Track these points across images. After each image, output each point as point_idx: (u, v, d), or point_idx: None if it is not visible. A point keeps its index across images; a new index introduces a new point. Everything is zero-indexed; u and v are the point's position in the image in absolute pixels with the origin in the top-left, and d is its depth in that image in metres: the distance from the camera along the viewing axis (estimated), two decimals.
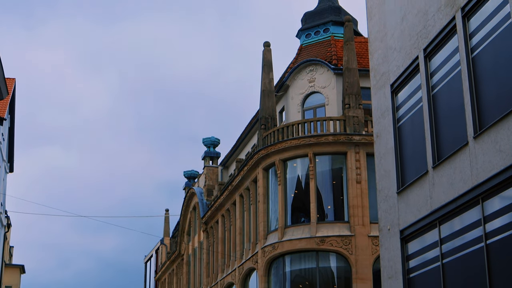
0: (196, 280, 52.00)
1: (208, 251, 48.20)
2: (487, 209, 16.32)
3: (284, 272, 35.44)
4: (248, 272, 39.25)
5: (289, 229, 35.28)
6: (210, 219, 47.68)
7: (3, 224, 49.94)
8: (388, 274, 21.26)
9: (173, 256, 59.65)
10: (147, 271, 77.08)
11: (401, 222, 20.52)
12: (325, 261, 34.62)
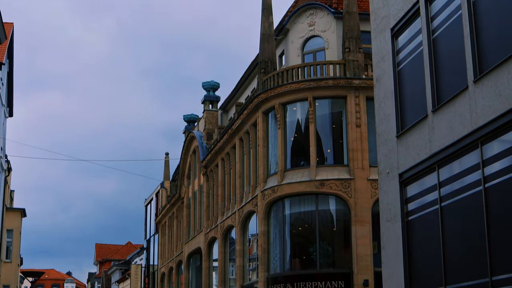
0: (196, 223, 52.46)
1: (208, 195, 48.55)
2: (486, 153, 16.45)
3: (284, 215, 35.78)
4: (248, 215, 39.61)
5: (289, 173, 35.50)
6: (210, 163, 47.92)
7: (3, 168, 50.18)
8: (387, 217, 21.50)
9: (173, 200, 60.07)
10: (147, 214, 77.68)
11: (400, 166, 20.68)
12: (324, 204, 34.92)
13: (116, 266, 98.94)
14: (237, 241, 40.81)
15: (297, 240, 36.17)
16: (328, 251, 34.57)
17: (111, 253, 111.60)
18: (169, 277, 62.12)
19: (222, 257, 44.43)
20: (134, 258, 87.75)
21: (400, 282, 20.49)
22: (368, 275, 32.52)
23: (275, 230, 36.27)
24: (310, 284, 33.45)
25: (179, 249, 57.53)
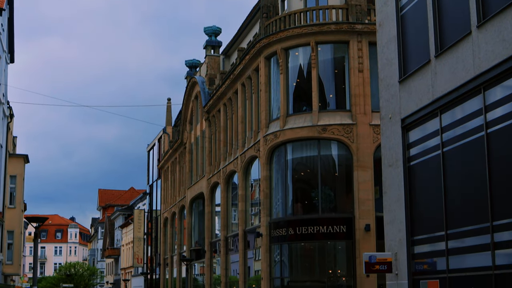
0: (199, 168, 52.65)
1: (210, 140, 48.63)
2: (489, 99, 16.44)
3: (286, 160, 35.88)
4: (250, 160, 39.73)
5: (291, 118, 35.50)
6: (212, 108, 47.90)
7: (5, 114, 50.19)
8: (389, 162, 21.58)
9: (175, 145, 60.21)
10: (149, 159, 77.94)
11: (402, 111, 20.68)
12: (326, 149, 35.00)
13: (119, 211, 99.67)
14: (240, 186, 41.02)
15: (299, 185, 36.37)
16: (330, 196, 34.78)
17: (114, 199, 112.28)
18: (172, 222, 62.57)
19: (224, 202, 44.69)
20: (137, 204, 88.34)
21: (401, 227, 20.66)
22: (369, 220, 32.76)
23: (277, 175, 36.43)
24: (312, 229, 33.71)
25: (182, 194, 57.85)
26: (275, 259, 35.90)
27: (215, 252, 47.09)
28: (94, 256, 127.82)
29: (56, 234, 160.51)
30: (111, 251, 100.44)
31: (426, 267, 19.58)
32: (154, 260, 72.14)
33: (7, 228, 51.93)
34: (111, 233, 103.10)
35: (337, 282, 34.90)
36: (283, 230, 34.80)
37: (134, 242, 77.59)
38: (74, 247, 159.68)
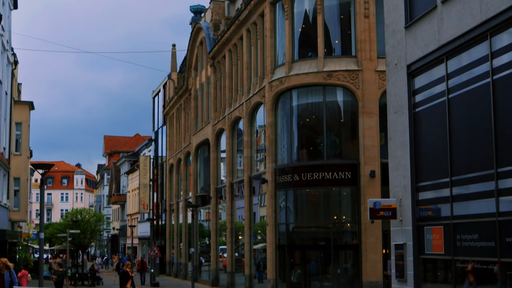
0: (204, 115, 52.63)
1: (216, 86, 48.52)
2: (495, 45, 16.33)
3: (291, 106, 35.82)
4: (255, 106, 39.68)
5: (296, 64, 35.33)
6: (217, 54, 47.67)
7: (10, 61, 50.05)
8: (394, 108, 21.54)
9: (180, 91, 60.09)
10: (155, 106, 77.86)
11: (408, 57, 20.57)
12: (332, 95, 34.91)
13: (124, 157, 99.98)
14: (245, 132, 41.05)
15: (304, 132, 36.38)
16: (336, 142, 34.78)
17: (120, 145, 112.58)
18: (178, 168, 62.81)
19: (230, 148, 44.79)
20: (142, 150, 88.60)
21: (406, 173, 20.72)
22: (374, 166, 32.83)
23: (283, 121, 36.41)
24: (317, 175, 33.81)
25: (187, 140, 57.95)
26: (280, 205, 36.10)
27: (220, 198, 47.35)
28: (100, 203, 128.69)
29: (62, 180, 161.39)
30: (117, 197, 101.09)
31: (431, 214, 19.69)
32: (160, 206, 72.60)
33: (13, 175, 52.20)
34: (117, 179, 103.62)
35: (342, 228, 35.15)
36: (288, 176, 34.92)
37: (140, 189, 78.02)
38: (80, 193, 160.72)
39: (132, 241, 71.05)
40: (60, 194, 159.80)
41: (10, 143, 50.74)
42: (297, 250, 35.61)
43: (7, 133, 49.51)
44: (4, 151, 48.36)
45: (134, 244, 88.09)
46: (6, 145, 49.06)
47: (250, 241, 40.31)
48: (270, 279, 35.87)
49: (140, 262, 53.33)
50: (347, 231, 34.97)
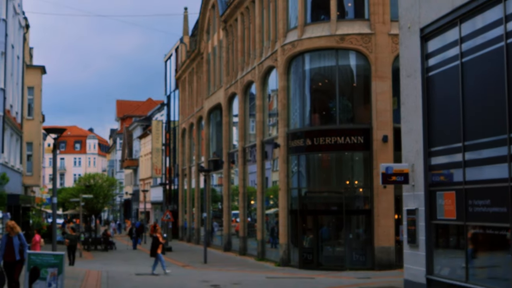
0: (216, 79, 52.41)
1: (228, 50, 48.22)
2: (510, 8, 16.02)
3: (304, 70, 35.53)
4: (268, 70, 39.41)
5: (309, 27, 34.97)
6: (229, 17, 47.30)
7: (21, 25, 49.87)
8: (407, 72, 21.28)
9: (192, 55, 59.81)
10: (167, 70, 77.61)
11: (421, 20, 20.26)
12: (344, 59, 34.57)
13: (137, 122, 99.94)
14: (257, 97, 40.82)
15: (317, 96, 36.11)
16: (348, 107, 34.53)
17: (132, 109, 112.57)
18: (190, 133, 62.74)
19: (242, 113, 44.62)
20: (154, 114, 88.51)
21: (418, 138, 20.51)
22: (387, 131, 32.59)
23: (295, 86, 36.15)
24: (330, 140, 33.62)
25: (199, 104, 57.80)
26: (292, 170, 35.98)
27: (232, 162, 47.29)
28: (113, 167, 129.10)
29: (75, 145, 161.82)
30: (129, 162, 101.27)
31: (443, 179, 19.50)
32: (172, 171, 72.69)
33: (26, 139, 52.30)
34: (129, 144, 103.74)
35: (354, 193, 35.02)
36: (300, 141, 34.74)
37: (153, 153, 78.09)
38: (93, 158, 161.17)
39: (145, 206, 71.27)
40: (73, 159, 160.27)
41: (22, 107, 50.76)
42: (309, 215, 35.52)
43: (19, 97, 49.51)
44: (17, 116, 48.40)
45: (146, 209, 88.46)
46: (18, 109, 49.08)
47: (262, 206, 40.27)
48: (283, 244, 35.87)
49: (152, 227, 53.43)
50: (359, 196, 34.84)
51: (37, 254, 15.29)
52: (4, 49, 40.40)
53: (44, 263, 14.90)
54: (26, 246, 16.97)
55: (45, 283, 14.82)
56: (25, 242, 16.97)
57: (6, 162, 42.22)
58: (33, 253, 15.34)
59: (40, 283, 14.80)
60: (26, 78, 53.26)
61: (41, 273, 14.80)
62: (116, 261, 41.25)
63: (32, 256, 15.04)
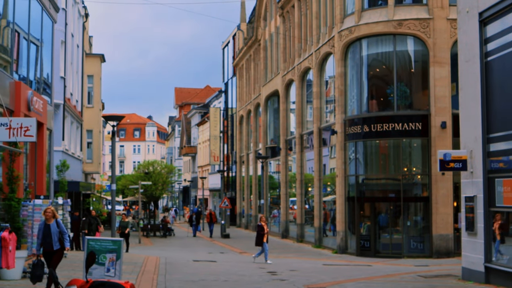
0: (273, 65, 52.37)
1: (285, 36, 48.12)
2: None
3: (361, 56, 35.23)
4: (325, 57, 39.22)
5: (366, 12, 34.64)
6: (286, 4, 47.15)
7: (81, 14, 50.49)
8: (466, 57, 20.95)
9: (250, 42, 59.84)
10: (225, 57, 77.79)
11: (480, 4, 19.91)
12: (402, 44, 34.17)
13: (195, 109, 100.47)
14: (314, 83, 40.68)
15: (374, 82, 35.79)
16: (406, 93, 34.14)
17: (191, 97, 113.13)
18: (248, 120, 62.86)
19: (299, 99, 44.50)
20: (212, 102, 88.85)
21: (477, 124, 20.20)
22: (445, 117, 32.17)
23: (352, 72, 35.89)
24: (387, 126, 33.33)
25: (257, 91, 57.84)
26: (349, 157, 35.79)
27: (290, 149, 47.26)
28: (171, 155, 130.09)
29: (134, 133, 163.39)
30: (188, 149, 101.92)
31: (502, 165, 19.20)
32: (230, 158, 72.96)
33: (86, 127, 53.03)
34: (187, 131, 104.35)
35: (412, 180, 34.70)
36: (358, 128, 34.51)
37: (211, 140, 78.48)
38: (152, 145, 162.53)
39: (203, 193, 71.69)
40: (132, 146, 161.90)
41: (82, 96, 51.44)
42: (367, 202, 35.27)
43: (79, 86, 50.17)
44: (77, 104, 49.08)
45: (204, 196, 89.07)
46: (78, 97, 49.75)
47: (320, 193, 40.15)
48: (340, 231, 35.75)
49: (208, 214, 53.64)
50: (418, 183, 34.50)
51: (95, 240, 15.46)
52: (64, 38, 40.98)
53: (102, 249, 15.08)
54: (66, 233, 16.91)
55: (103, 268, 14.99)
56: (64, 229, 16.83)
57: (67, 150, 42.88)
58: (92, 238, 15.51)
59: (98, 268, 14.98)
60: (86, 66, 53.93)
61: (99, 259, 14.98)
62: (175, 247, 41.61)
63: (91, 241, 15.22)
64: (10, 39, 23.62)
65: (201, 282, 21.11)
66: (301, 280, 22.07)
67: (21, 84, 23.43)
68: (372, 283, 21.24)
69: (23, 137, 19.74)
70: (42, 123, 27.18)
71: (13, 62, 23.62)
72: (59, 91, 40.27)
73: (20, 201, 20.57)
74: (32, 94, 24.43)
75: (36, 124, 20.01)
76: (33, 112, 24.90)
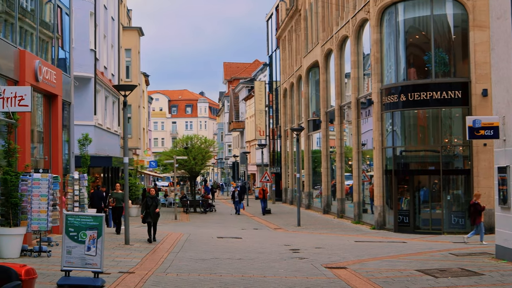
0: (314, 36, 50.58)
1: (323, 4, 46.30)
2: None
3: (397, 21, 33.30)
4: (361, 24, 37.38)
5: None
6: None
7: None
8: (497, 14, 19.09)
9: (291, 12, 58.12)
10: (268, 29, 76.05)
11: None
12: (440, 8, 32.09)
13: (242, 83, 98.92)
14: (352, 52, 38.86)
15: (411, 48, 33.77)
16: (444, 59, 32.10)
17: (239, 71, 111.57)
18: (291, 93, 61.22)
19: (338, 69, 42.70)
20: (258, 75, 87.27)
21: (510, 86, 18.36)
22: (487, 84, 29.98)
23: (389, 38, 34.01)
24: (425, 95, 31.46)
25: (299, 63, 56.18)
26: (387, 128, 33.99)
27: (331, 122, 45.54)
28: (222, 130, 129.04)
29: (186, 109, 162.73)
30: (236, 124, 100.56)
31: None
32: (275, 132, 71.49)
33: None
34: (236, 106, 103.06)
35: (452, 152, 32.76)
36: (394, 97, 32.69)
37: (256, 115, 76.98)
38: (204, 121, 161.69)
39: (247, 168, 70.44)
40: (184, 122, 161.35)
41: (119, 69, 50.39)
42: (405, 175, 33.44)
43: (115, 59, 49.13)
44: (113, 78, 48.05)
45: (252, 171, 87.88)
46: (115, 71, 48.72)
47: (358, 166, 38.48)
48: (378, 206, 34.06)
49: (261, 190, 51.57)
50: (458, 155, 32.55)
51: (75, 216, 14.21)
52: (93, 9, 39.78)
53: (82, 225, 13.84)
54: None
55: (83, 247, 13.74)
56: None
57: (100, 124, 41.86)
58: (71, 214, 14.24)
59: (78, 247, 13.74)
60: (124, 40, 52.93)
61: (79, 236, 13.74)
62: (209, 223, 40.35)
63: (69, 217, 13.97)
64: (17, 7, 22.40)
65: (212, 261, 19.74)
66: (322, 259, 20.58)
67: (25, 53, 22.22)
68: (397, 262, 19.60)
69: (17, 106, 18.55)
70: (56, 95, 26.04)
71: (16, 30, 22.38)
72: (89, 64, 39.19)
73: (18, 175, 19.38)
74: (40, 63, 23.23)
75: (31, 93, 18.76)
76: (42, 83, 23.75)
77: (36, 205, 19.52)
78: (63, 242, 13.86)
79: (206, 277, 16.27)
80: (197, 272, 17.03)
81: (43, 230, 19.80)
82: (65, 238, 13.96)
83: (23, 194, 19.35)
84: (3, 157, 19.45)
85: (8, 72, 21.14)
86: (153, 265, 18.15)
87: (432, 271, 16.97)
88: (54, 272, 15.56)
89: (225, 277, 16.28)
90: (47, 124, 26.11)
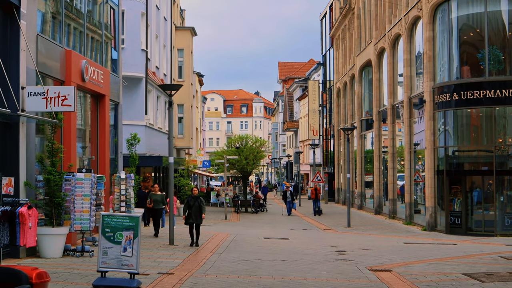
0: (367, 34, 49.97)
1: (376, 2, 45.70)
2: None
3: (450, 18, 32.56)
4: (414, 21, 36.71)
5: None
6: None
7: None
8: None
9: (344, 11, 57.55)
10: (322, 28, 75.52)
11: None
12: (494, 4, 31.29)
13: (296, 83, 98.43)
14: (404, 50, 38.20)
15: (464, 46, 33.02)
16: (499, 57, 31.28)
17: (294, 71, 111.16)
18: (344, 92, 60.63)
19: (390, 68, 42.05)
20: (312, 75, 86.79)
21: None
22: None
23: (442, 36, 33.31)
24: (478, 93, 30.71)
25: (352, 62, 55.60)
26: (439, 128, 33.29)
27: (383, 121, 44.90)
28: (276, 130, 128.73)
29: (241, 109, 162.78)
30: (290, 123, 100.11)
31: None
32: (329, 132, 70.93)
33: (176, 102, 52.09)
34: (290, 106, 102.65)
35: (507, 152, 31.91)
36: (447, 96, 31.99)
37: (310, 114, 76.52)
38: (259, 121, 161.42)
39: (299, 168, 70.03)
40: (239, 122, 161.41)
41: (172, 69, 50.48)
42: (457, 176, 32.70)
43: (167, 59, 49.24)
44: (165, 78, 48.17)
45: (305, 171, 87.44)
46: (167, 71, 48.83)
47: (410, 166, 37.82)
48: (429, 206, 33.39)
49: (313, 190, 50.88)
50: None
51: (111, 216, 14.05)
52: (145, 10, 39.87)
53: (118, 226, 13.68)
54: None
55: (119, 248, 13.58)
56: None
57: (151, 124, 41.96)
58: (107, 214, 14.09)
59: (114, 247, 13.59)
60: (176, 40, 53.01)
61: (115, 237, 13.59)
62: (259, 223, 40.10)
63: (105, 218, 13.82)
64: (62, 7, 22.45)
65: (254, 262, 19.47)
66: (367, 261, 20.15)
67: (71, 53, 22.26)
68: (444, 265, 19.07)
69: (60, 106, 18.54)
70: (104, 94, 26.07)
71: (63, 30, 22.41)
72: (140, 64, 39.28)
73: (62, 175, 19.38)
74: (86, 63, 23.26)
75: (74, 93, 18.72)
76: (89, 83, 23.78)
77: (79, 205, 19.50)
78: (100, 242, 13.72)
79: (245, 279, 16.00)
80: (237, 274, 16.78)
81: (85, 230, 19.78)
82: (102, 239, 13.81)
83: (66, 194, 19.36)
84: (47, 157, 19.48)
85: (54, 72, 21.20)
86: (194, 266, 17.96)
87: (479, 275, 16.43)
88: (92, 272, 15.47)
89: (264, 279, 15.98)
90: (95, 124, 26.17)
